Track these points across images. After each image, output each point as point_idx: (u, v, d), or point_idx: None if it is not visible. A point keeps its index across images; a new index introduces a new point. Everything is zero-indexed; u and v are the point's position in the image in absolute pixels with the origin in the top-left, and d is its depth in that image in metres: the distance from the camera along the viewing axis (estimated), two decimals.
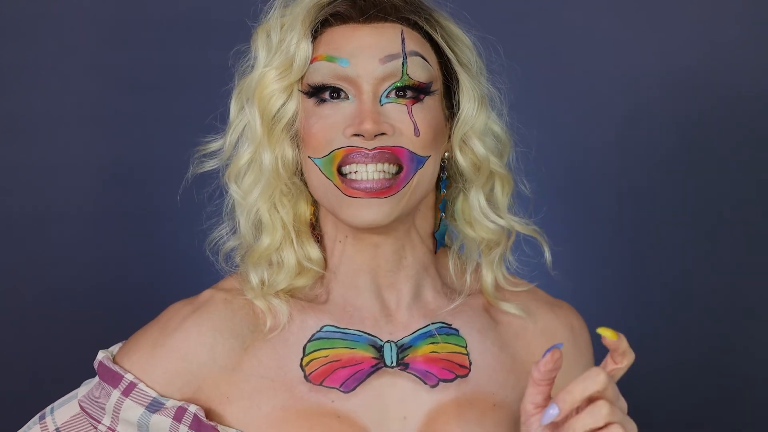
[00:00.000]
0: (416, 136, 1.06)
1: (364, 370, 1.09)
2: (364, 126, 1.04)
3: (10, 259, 1.91)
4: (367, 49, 1.06)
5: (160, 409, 1.08)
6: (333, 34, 1.08)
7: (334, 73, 1.06)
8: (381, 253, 1.12)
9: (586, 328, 1.22)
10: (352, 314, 1.12)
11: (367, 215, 1.05)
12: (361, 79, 1.06)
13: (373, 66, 1.06)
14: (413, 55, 1.07)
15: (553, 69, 1.91)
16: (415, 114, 1.07)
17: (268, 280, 1.11)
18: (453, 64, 1.11)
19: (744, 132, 1.92)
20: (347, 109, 1.06)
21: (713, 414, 1.94)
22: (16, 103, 1.90)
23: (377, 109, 1.05)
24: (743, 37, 1.91)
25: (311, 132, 1.07)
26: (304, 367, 1.09)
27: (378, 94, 1.06)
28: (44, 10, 1.90)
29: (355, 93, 1.06)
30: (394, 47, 1.07)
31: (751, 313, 1.94)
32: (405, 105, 1.06)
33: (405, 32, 1.08)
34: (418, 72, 1.07)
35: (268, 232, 1.11)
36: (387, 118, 1.06)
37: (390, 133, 1.05)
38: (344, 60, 1.06)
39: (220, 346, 1.10)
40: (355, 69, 1.06)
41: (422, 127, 1.06)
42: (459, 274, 1.17)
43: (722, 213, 1.93)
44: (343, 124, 1.06)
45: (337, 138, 1.06)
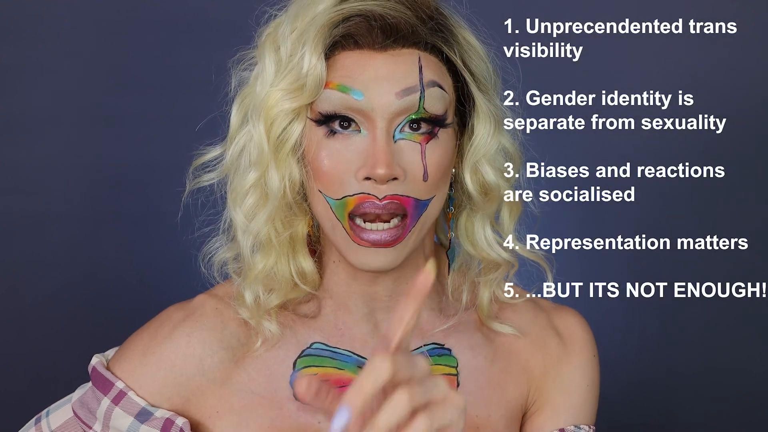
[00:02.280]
0: (424, 181, 1.01)
1: None
2: (377, 171, 0.98)
3: (10, 259, 1.91)
4: (383, 80, 1.00)
5: (149, 420, 1.06)
6: (346, 59, 1.01)
7: (346, 105, 1.00)
8: (379, 284, 1.09)
9: (582, 331, 1.19)
10: (343, 332, 1.10)
11: (374, 263, 1.02)
12: (375, 113, 0.99)
13: (389, 100, 0.99)
14: (431, 86, 1.01)
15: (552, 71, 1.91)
16: (428, 154, 1.01)
17: (262, 298, 1.08)
18: (470, 86, 1.05)
19: (747, 133, 1.92)
20: (359, 144, 1.00)
21: (714, 414, 1.94)
22: (16, 103, 1.90)
23: (391, 149, 0.99)
24: (744, 36, 1.91)
25: (322, 169, 1.01)
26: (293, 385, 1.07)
27: (392, 130, 1.00)
28: (44, 10, 1.90)
29: (368, 126, 1.00)
30: (411, 79, 1.00)
31: (751, 312, 1.94)
32: (419, 143, 1.01)
33: (422, 59, 1.01)
34: (435, 104, 1.01)
35: (264, 253, 1.07)
36: (399, 157, 1.00)
37: (401, 178, 1.00)
38: (358, 92, 0.99)
39: (209, 359, 1.08)
40: (370, 102, 0.99)
41: (432, 170, 1.01)
42: (457, 291, 1.14)
43: (724, 213, 1.93)
44: (356, 163, 1.00)
45: (349, 181, 1.00)
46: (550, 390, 1.16)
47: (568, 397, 1.16)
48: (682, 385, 1.95)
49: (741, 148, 1.92)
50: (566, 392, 1.16)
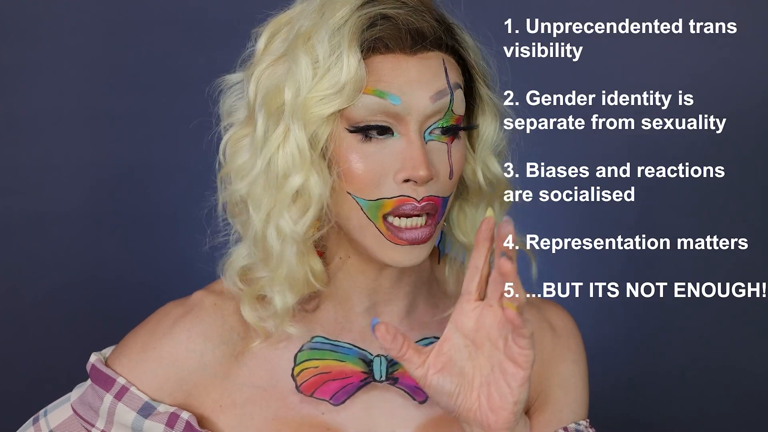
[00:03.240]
0: (449, 179, 1.04)
1: (354, 384, 1.09)
2: (419, 173, 1.00)
3: (10, 259, 1.91)
4: (416, 84, 1.01)
5: (152, 414, 1.07)
6: (380, 63, 1.01)
7: (383, 110, 1.00)
8: (385, 276, 1.10)
9: (572, 326, 1.21)
10: (344, 326, 1.11)
11: (408, 260, 1.03)
12: (410, 117, 1.01)
13: (424, 104, 1.01)
14: (456, 89, 1.03)
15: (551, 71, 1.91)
16: (453, 153, 1.04)
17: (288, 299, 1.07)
18: (478, 84, 1.08)
19: (747, 133, 1.92)
20: (395, 147, 1.01)
21: (714, 414, 1.94)
22: (16, 103, 1.90)
23: (425, 150, 1.01)
24: (744, 36, 1.91)
25: (355, 172, 1.01)
26: (295, 377, 1.09)
27: (422, 131, 1.02)
28: (44, 10, 1.90)
29: (401, 129, 1.01)
30: (440, 82, 1.02)
31: (751, 312, 1.94)
32: (446, 144, 1.03)
33: (445, 61, 1.04)
34: (459, 106, 1.04)
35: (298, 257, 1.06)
36: (430, 158, 1.02)
37: (436, 178, 1.02)
38: (396, 97, 1.00)
39: (209, 354, 1.09)
40: (406, 107, 1.00)
41: (456, 168, 1.04)
42: (455, 282, 1.16)
43: (724, 213, 1.94)
44: (393, 165, 1.01)
45: (386, 184, 1.01)
46: (551, 387, 1.17)
47: (568, 394, 1.17)
48: (682, 384, 1.95)
49: (741, 148, 1.92)
50: (566, 389, 1.17)
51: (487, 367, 0.96)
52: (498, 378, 0.95)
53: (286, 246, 1.04)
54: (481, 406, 0.96)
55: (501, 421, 0.95)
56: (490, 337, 0.95)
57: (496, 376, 0.95)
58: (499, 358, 0.95)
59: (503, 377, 0.95)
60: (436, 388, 0.97)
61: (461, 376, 0.97)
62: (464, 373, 0.97)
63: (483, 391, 0.96)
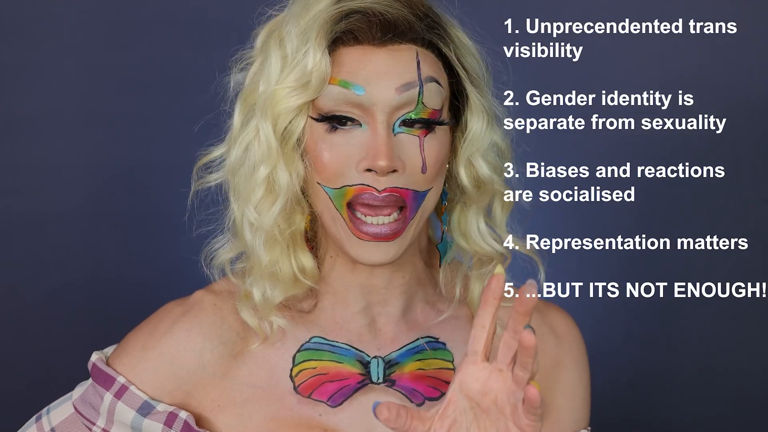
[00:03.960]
0: (422, 173, 1.03)
1: (351, 385, 1.09)
2: (378, 162, 1.00)
3: (10, 259, 1.91)
4: (383, 75, 1.02)
5: (151, 413, 1.08)
6: (347, 55, 1.03)
7: (347, 100, 1.02)
8: (376, 276, 1.10)
9: (576, 332, 1.21)
10: (341, 326, 1.11)
11: (374, 257, 1.03)
12: (375, 108, 1.02)
13: (390, 95, 1.02)
14: (429, 82, 1.03)
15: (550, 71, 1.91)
16: (426, 147, 1.03)
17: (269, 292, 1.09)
18: (464, 82, 1.08)
19: (747, 133, 1.92)
20: (360, 137, 1.02)
21: (714, 414, 1.94)
22: (16, 103, 1.90)
23: (391, 142, 1.02)
24: (744, 36, 1.91)
25: (322, 161, 1.03)
26: (293, 378, 1.09)
27: (391, 123, 1.02)
28: (44, 10, 1.90)
29: (368, 120, 1.02)
30: (410, 74, 1.02)
31: (751, 312, 1.94)
32: (417, 137, 1.03)
33: (420, 54, 1.04)
34: (432, 99, 1.03)
35: (269, 249, 1.08)
36: (399, 150, 1.02)
37: (401, 170, 1.02)
38: (359, 87, 1.01)
39: (208, 353, 1.10)
40: (371, 97, 1.01)
41: (430, 162, 1.04)
42: (450, 285, 1.15)
43: (724, 213, 1.94)
44: (357, 155, 1.02)
45: (349, 172, 1.02)
46: (552, 394, 1.17)
47: (570, 401, 1.17)
48: (683, 384, 1.95)
49: (741, 148, 1.92)
50: (568, 396, 1.17)
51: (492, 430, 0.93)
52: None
53: (255, 236, 1.06)
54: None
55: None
56: (498, 402, 0.93)
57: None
58: (505, 423, 0.92)
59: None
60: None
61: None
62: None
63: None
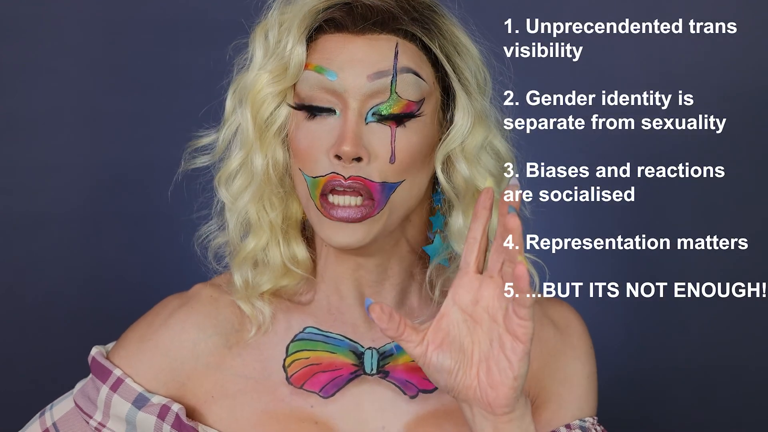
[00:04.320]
0: (390, 163, 1.03)
1: (344, 376, 1.09)
2: (343, 147, 1.01)
3: (10, 259, 1.91)
4: (357, 63, 1.03)
5: (146, 405, 1.08)
6: (326, 42, 1.05)
7: (321, 85, 1.04)
8: (364, 268, 1.10)
9: (577, 322, 1.20)
10: (336, 317, 1.12)
11: (342, 239, 1.04)
12: (347, 94, 1.03)
13: (361, 82, 1.02)
14: (405, 72, 1.04)
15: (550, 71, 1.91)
16: (398, 138, 1.03)
17: (252, 280, 1.10)
18: (450, 79, 1.07)
19: (747, 133, 1.92)
20: (333, 124, 1.04)
21: (713, 414, 1.94)
22: (16, 103, 1.90)
23: (360, 130, 1.02)
24: (744, 36, 1.91)
25: (300, 147, 1.05)
26: (286, 368, 1.09)
27: (364, 112, 1.03)
28: (44, 10, 1.90)
29: (341, 108, 1.03)
30: (385, 63, 1.03)
31: (751, 312, 1.94)
32: (389, 127, 1.03)
33: (400, 45, 1.04)
34: (408, 90, 1.03)
35: (254, 234, 1.10)
36: (369, 139, 1.03)
37: (366, 160, 1.02)
38: (332, 73, 1.03)
39: (203, 344, 1.10)
40: (342, 83, 1.03)
41: (400, 153, 1.03)
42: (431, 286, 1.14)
43: (724, 213, 1.94)
44: (328, 142, 1.03)
45: (321, 161, 1.03)
46: (553, 383, 1.16)
47: (571, 391, 1.17)
48: (682, 384, 1.95)
49: (741, 148, 1.92)
50: (569, 385, 1.17)
51: (485, 342, 0.95)
52: (497, 353, 0.94)
53: (232, 218, 1.09)
54: (480, 382, 0.95)
55: (501, 397, 0.94)
56: (489, 310, 0.95)
57: (495, 350, 0.94)
58: (498, 331, 0.94)
59: (502, 351, 0.94)
60: (435, 365, 0.96)
61: (460, 352, 0.96)
62: (463, 348, 0.96)
63: (482, 366, 0.95)
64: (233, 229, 1.10)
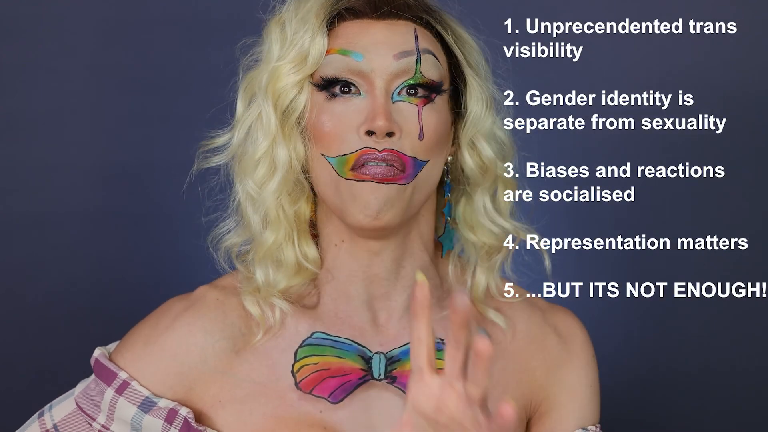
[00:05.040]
0: (420, 140, 1.06)
1: (352, 381, 1.09)
2: (377, 122, 1.03)
3: (10, 259, 1.91)
4: (381, 44, 1.06)
5: (153, 409, 1.08)
6: (347, 28, 1.08)
7: (347, 67, 1.06)
8: (379, 261, 1.10)
9: (580, 331, 1.20)
10: (344, 321, 1.11)
11: (374, 201, 1.04)
12: (374, 74, 1.05)
13: (388, 62, 1.05)
14: (426, 53, 1.07)
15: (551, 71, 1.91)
16: (425, 116, 1.06)
17: (271, 275, 1.10)
18: (462, 65, 1.11)
19: (747, 132, 1.92)
20: (360, 104, 1.06)
21: (713, 414, 1.94)
22: (16, 103, 1.90)
23: (389, 106, 1.05)
24: (744, 36, 1.91)
25: (324, 130, 1.06)
26: (295, 374, 1.09)
27: (390, 91, 1.06)
28: (44, 10, 1.90)
29: (367, 88, 1.06)
30: (408, 44, 1.07)
31: (751, 312, 1.94)
32: (416, 105, 1.06)
33: (418, 30, 1.08)
34: (431, 70, 1.07)
35: (273, 229, 1.10)
36: (397, 116, 1.05)
37: (398, 134, 1.05)
38: (358, 54, 1.06)
39: (210, 348, 1.10)
40: (369, 64, 1.05)
41: (428, 131, 1.06)
42: (458, 280, 1.16)
43: (723, 213, 1.93)
44: (357, 120, 1.05)
45: (350, 138, 1.05)
46: (556, 393, 1.17)
47: (574, 400, 1.17)
48: (682, 385, 1.95)
49: (741, 148, 1.92)
50: (571, 394, 1.17)
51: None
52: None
53: (257, 212, 1.10)
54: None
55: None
56: (455, 417, 0.86)
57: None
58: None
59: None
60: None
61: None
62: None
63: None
64: (254, 220, 1.10)
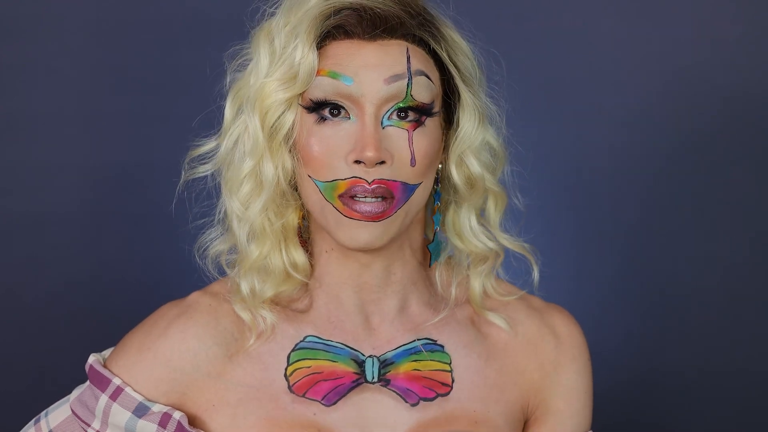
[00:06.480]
0: (411, 166, 1.05)
1: (345, 384, 1.09)
2: (366, 153, 1.02)
3: (10, 259, 1.91)
4: (372, 68, 1.04)
5: (146, 414, 1.08)
6: (337, 48, 1.05)
7: (336, 91, 1.04)
8: (369, 271, 1.11)
9: (577, 334, 1.20)
10: (336, 325, 1.12)
11: (362, 237, 1.04)
12: (364, 99, 1.03)
13: (378, 86, 1.03)
14: (418, 75, 1.05)
15: (551, 72, 1.91)
16: (415, 141, 1.05)
17: (258, 288, 1.10)
18: (455, 80, 1.09)
19: (746, 132, 1.92)
20: (349, 129, 1.04)
21: (713, 414, 1.94)
22: (16, 103, 1.90)
23: (379, 134, 1.03)
24: (743, 35, 1.91)
25: (312, 154, 1.05)
26: (288, 377, 1.09)
27: (380, 116, 1.04)
28: (44, 10, 1.90)
29: (357, 113, 1.04)
30: (399, 67, 1.04)
31: (751, 314, 1.94)
32: (406, 130, 1.05)
33: (410, 50, 1.05)
34: (422, 93, 1.05)
35: (258, 242, 1.09)
36: (387, 143, 1.04)
37: (389, 162, 1.03)
38: (348, 78, 1.03)
39: (203, 354, 1.10)
40: (360, 88, 1.03)
41: (419, 156, 1.05)
42: (445, 285, 1.16)
43: (723, 214, 1.94)
44: (345, 148, 1.04)
45: (339, 165, 1.04)
46: (553, 397, 1.17)
47: (570, 405, 1.17)
48: (681, 385, 1.95)
49: (741, 148, 1.92)
50: (568, 399, 1.17)
51: None
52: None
53: (242, 228, 1.09)
54: None
55: None
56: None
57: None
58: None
59: None
60: None
61: None
62: None
63: None
64: (241, 236, 1.10)
